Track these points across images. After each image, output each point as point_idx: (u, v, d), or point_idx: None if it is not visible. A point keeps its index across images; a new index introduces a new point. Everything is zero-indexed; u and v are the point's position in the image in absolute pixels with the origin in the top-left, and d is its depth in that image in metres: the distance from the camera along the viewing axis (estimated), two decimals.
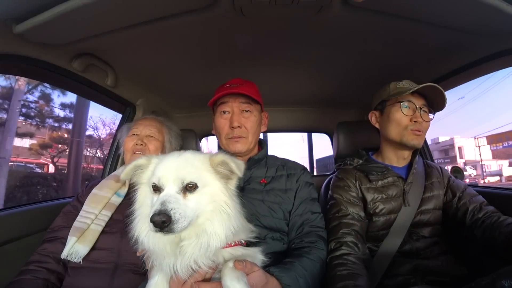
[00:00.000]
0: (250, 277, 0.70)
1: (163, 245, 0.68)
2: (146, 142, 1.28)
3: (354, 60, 1.48)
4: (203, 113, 2.31)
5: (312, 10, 1.01)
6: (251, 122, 1.15)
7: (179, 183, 0.67)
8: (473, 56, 1.24)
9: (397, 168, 1.23)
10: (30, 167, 8.22)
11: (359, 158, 1.30)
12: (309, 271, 0.89)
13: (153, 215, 0.60)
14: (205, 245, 0.67)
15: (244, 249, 0.78)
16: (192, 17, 1.05)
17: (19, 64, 1.13)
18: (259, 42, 1.31)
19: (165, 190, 0.66)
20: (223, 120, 1.15)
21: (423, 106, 1.16)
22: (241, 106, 1.14)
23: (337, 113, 2.32)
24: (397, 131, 1.17)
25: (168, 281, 0.71)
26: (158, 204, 0.62)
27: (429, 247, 1.13)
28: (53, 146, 8.27)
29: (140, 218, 0.72)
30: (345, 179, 1.23)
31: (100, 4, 0.90)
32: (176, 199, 0.65)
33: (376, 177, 1.19)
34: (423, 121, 1.15)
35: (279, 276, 0.80)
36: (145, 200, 0.72)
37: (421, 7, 0.99)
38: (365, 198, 1.17)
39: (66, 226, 1.12)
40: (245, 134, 1.13)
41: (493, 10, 0.91)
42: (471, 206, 1.13)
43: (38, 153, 8.20)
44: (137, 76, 1.62)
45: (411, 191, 1.17)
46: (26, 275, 1.01)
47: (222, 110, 1.16)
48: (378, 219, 1.15)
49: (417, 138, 1.14)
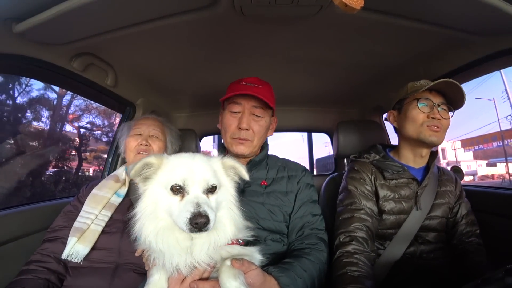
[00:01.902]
0: (247, 276, 0.71)
1: (173, 244, 0.69)
2: (150, 143, 1.27)
3: (354, 60, 1.47)
4: (203, 113, 2.31)
5: (312, 10, 1.01)
6: (259, 126, 1.12)
7: (205, 185, 0.70)
8: (473, 55, 1.24)
9: (413, 169, 1.21)
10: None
11: (376, 154, 1.26)
12: (308, 272, 0.89)
13: (194, 216, 0.63)
14: (214, 241, 0.71)
15: (242, 248, 0.79)
16: (192, 16, 1.05)
17: (19, 64, 1.13)
18: (259, 42, 1.31)
19: (193, 192, 0.68)
20: (232, 119, 1.12)
21: (441, 104, 1.13)
22: (253, 110, 1.11)
23: (337, 113, 2.32)
24: (413, 128, 1.15)
25: (167, 280, 0.71)
26: (193, 206, 0.64)
27: (433, 252, 1.13)
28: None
29: (147, 218, 0.71)
30: (361, 172, 1.21)
31: (100, 3, 0.90)
32: (205, 200, 0.68)
33: (391, 175, 1.17)
34: (442, 118, 1.12)
35: (277, 275, 0.80)
36: (157, 200, 0.71)
37: (421, 6, 0.99)
38: (378, 194, 1.16)
39: (66, 226, 1.12)
40: (251, 138, 1.10)
41: (493, 9, 0.91)
42: (464, 231, 1.18)
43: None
44: (137, 76, 1.62)
45: (423, 195, 1.15)
46: (27, 274, 1.01)
47: (232, 110, 1.12)
48: (388, 217, 1.14)
49: (435, 134, 1.12)
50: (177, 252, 0.68)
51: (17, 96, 6.82)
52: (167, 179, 0.70)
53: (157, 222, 0.70)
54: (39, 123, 7.61)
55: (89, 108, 8.62)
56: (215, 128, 1.29)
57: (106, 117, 8.79)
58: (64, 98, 8.06)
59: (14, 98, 6.71)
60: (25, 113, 6.98)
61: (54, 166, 7.58)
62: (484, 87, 15.11)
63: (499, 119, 18.75)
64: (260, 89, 1.08)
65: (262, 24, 1.14)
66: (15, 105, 6.74)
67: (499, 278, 0.58)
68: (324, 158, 10.90)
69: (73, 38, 1.12)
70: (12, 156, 5.64)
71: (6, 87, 6.41)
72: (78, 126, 8.57)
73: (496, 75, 16.94)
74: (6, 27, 0.96)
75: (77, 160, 8.27)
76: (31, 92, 7.19)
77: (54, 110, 7.81)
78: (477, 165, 26.21)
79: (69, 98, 8.15)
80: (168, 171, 0.72)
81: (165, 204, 0.70)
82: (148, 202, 0.72)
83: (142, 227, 0.70)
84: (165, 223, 0.70)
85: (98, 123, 9.11)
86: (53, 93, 7.64)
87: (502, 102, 19.28)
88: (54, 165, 7.58)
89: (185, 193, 0.68)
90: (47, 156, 7.35)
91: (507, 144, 19.64)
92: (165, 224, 0.70)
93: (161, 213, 0.70)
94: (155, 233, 0.69)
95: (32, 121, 7.26)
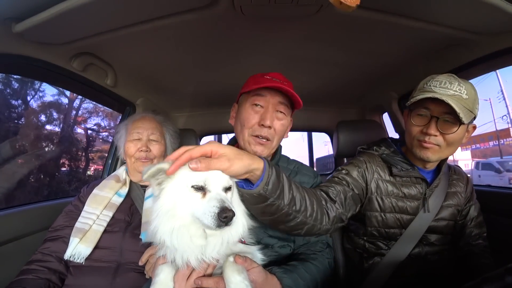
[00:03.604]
0: (249, 273, 0.72)
1: (187, 242, 0.70)
2: (150, 148, 1.25)
3: (354, 59, 1.47)
4: (203, 113, 2.31)
5: (311, 9, 1.01)
6: (281, 126, 1.02)
7: (224, 185, 0.71)
8: (473, 55, 1.24)
9: (422, 169, 1.13)
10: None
11: (386, 148, 1.17)
12: (312, 276, 0.89)
13: (222, 210, 0.64)
14: (228, 238, 0.73)
15: (244, 246, 0.80)
16: (192, 16, 1.04)
17: (19, 64, 1.12)
18: (259, 42, 1.30)
19: (214, 190, 0.69)
20: (254, 113, 0.99)
21: (443, 115, 0.95)
22: (278, 106, 1.00)
23: (337, 112, 2.32)
24: (408, 139, 1.08)
25: (173, 279, 0.72)
26: (218, 202, 0.66)
27: (437, 253, 1.11)
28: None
29: (164, 217, 0.71)
30: (365, 161, 1.13)
31: (99, 3, 0.90)
32: (226, 197, 0.70)
33: (399, 172, 1.09)
34: (441, 132, 0.97)
35: (281, 276, 0.80)
36: (176, 198, 0.72)
37: (421, 5, 0.98)
38: (368, 190, 1.10)
39: (68, 226, 1.12)
40: (271, 137, 1.00)
41: (493, 8, 0.91)
42: (472, 233, 1.15)
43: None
44: (137, 76, 1.62)
45: (432, 196, 1.09)
46: (28, 274, 1.01)
47: (255, 103, 1.00)
48: (388, 215, 1.09)
49: (424, 151, 1.01)
50: (190, 249, 0.70)
51: (30, 99, 7.02)
52: (188, 178, 0.70)
53: (175, 221, 0.70)
54: (53, 126, 7.77)
55: (97, 111, 8.70)
56: (215, 128, 1.29)
57: (112, 119, 8.88)
58: (74, 103, 8.18)
59: (27, 101, 6.90)
60: (39, 116, 7.15)
61: (69, 166, 7.76)
62: (480, 87, 15.22)
63: (494, 119, 18.92)
64: (286, 85, 0.97)
65: (262, 23, 1.14)
66: (29, 108, 6.92)
67: (499, 277, 0.58)
68: (324, 158, 10.90)
69: (73, 38, 1.12)
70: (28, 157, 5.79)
71: (21, 91, 6.58)
72: (86, 128, 8.66)
73: (492, 75, 17.03)
74: (5, 27, 0.96)
75: (86, 160, 8.38)
76: (44, 97, 7.36)
77: (65, 113, 7.93)
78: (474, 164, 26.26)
79: (79, 102, 8.27)
80: (187, 171, 0.71)
81: (186, 201, 0.70)
82: (165, 200, 0.72)
83: (159, 226, 0.70)
84: (182, 221, 0.70)
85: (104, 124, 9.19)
86: (65, 98, 7.79)
87: (497, 102, 19.46)
88: (69, 165, 7.76)
89: (207, 191, 0.69)
90: (62, 155, 7.53)
91: (502, 143, 19.77)
92: (182, 223, 0.70)
93: (179, 211, 0.70)
94: (170, 231, 0.70)
95: (46, 124, 7.42)
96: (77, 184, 7.00)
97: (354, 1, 0.68)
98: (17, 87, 6.53)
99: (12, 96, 6.35)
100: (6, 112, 6.12)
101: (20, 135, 6.09)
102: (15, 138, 5.63)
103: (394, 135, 1.94)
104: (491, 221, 1.23)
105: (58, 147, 7.43)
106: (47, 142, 7.24)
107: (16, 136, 5.80)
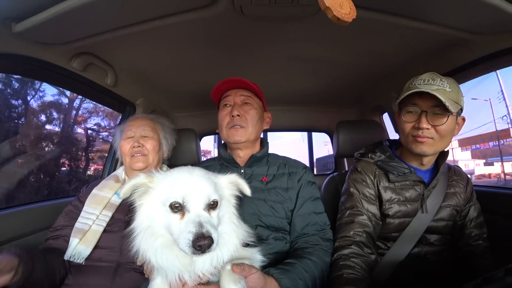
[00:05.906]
0: (248, 279, 0.71)
1: (172, 261, 0.66)
2: (143, 143, 1.25)
3: (354, 59, 1.47)
4: (203, 113, 2.31)
5: (311, 10, 1.01)
6: (251, 114, 1.17)
7: (206, 201, 0.66)
8: (473, 55, 1.24)
9: (420, 170, 1.14)
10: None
11: (381, 153, 1.19)
12: (310, 273, 0.89)
13: (197, 238, 0.58)
14: (217, 257, 0.69)
15: (242, 249, 0.79)
16: (192, 16, 1.04)
17: (19, 63, 1.12)
18: (259, 42, 1.31)
19: (194, 210, 0.64)
20: (225, 112, 1.18)
21: (431, 108, 1.00)
22: (243, 99, 1.18)
23: (337, 112, 2.32)
24: (403, 138, 1.10)
25: (169, 284, 0.71)
26: (195, 226, 0.60)
27: (436, 254, 1.11)
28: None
29: (145, 235, 0.68)
30: (363, 173, 1.16)
31: (99, 3, 0.90)
32: (208, 219, 0.64)
33: (396, 178, 1.11)
34: (432, 125, 1.01)
35: (279, 278, 0.80)
36: (154, 216, 0.68)
37: (421, 6, 0.99)
38: (381, 197, 1.12)
39: (68, 225, 1.12)
40: (244, 124, 1.14)
41: (493, 9, 0.91)
42: (472, 234, 1.15)
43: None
44: (137, 75, 1.62)
45: (430, 197, 1.10)
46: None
47: (224, 104, 1.20)
48: (392, 221, 1.10)
49: (419, 146, 1.03)
50: (177, 268, 0.66)
51: (30, 99, 7.04)
52: (166, 195, 0.66)
53: (155, 238, 0.67)
54: (53, 126, 7.79)
55: (97, 111, 8.72)
56: (215, 128, 1.29)
57: (112, 119, 8.91)
58: (75, 102, 8.21)
59: (28, 101, 6.91)
60: (39, 116, 7.17)
61: (69, 166, 7.79)
62: (481, 87, 15.23)
63: (495, 119, 18.91)
64: (245, 82, 1.16)
65: (262, 23, 1.14)
66: (29, 108, 6.94)
67: (499, 277, 0.58)
68: (324, 158, 10.91)
69: (73, 38, 1.12)
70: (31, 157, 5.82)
71: (22, 92, 6.60)
72: (86, 128, 8.68)
73: (492, 76, 17.04)
74: (5, 27, 0.96)
75: (86, 160, 8.40)
76: (44, 97, 7.35)
77: (65, 113, 7.94)
78: (474, 164, 26.35)
79: (79, 102, 8.29)
80: (166, 187, 0.68)
81: (163, 222, 0.67)
82: (143, 218, 0.69)
83: (141, 243, 0.68)
84: (163, 240, 0.67)
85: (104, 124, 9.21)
86: (65, 98, 7.80)
87: (498, 102, 19.45)
88: (69, 165, 7.78)
89: (186, 211, 0.65)
90: (62, 155, 7.56)
91: (502, 143, 19.78)
92: (163, 241, 0.67)
93: (159, 228, 0.67)
94: (153, 250, 0.66)
95: (47, 123, 7.44)
96: (77, 184, 7.00)
97: (351, 16, 0.68)
98: (17, 87, 6.55)
99: (12, 96, 6.36)
100: (6, 112, 6.13)
101: (20, 135, 6.10)
102: (15, 138, 5.64)
103: (394, 135, 1.94)
104: (491, 222, 1.23)
105: (58, 147, 7.45)
106: (47, 142, 7.27)
107: (16, 136, 5.81)
